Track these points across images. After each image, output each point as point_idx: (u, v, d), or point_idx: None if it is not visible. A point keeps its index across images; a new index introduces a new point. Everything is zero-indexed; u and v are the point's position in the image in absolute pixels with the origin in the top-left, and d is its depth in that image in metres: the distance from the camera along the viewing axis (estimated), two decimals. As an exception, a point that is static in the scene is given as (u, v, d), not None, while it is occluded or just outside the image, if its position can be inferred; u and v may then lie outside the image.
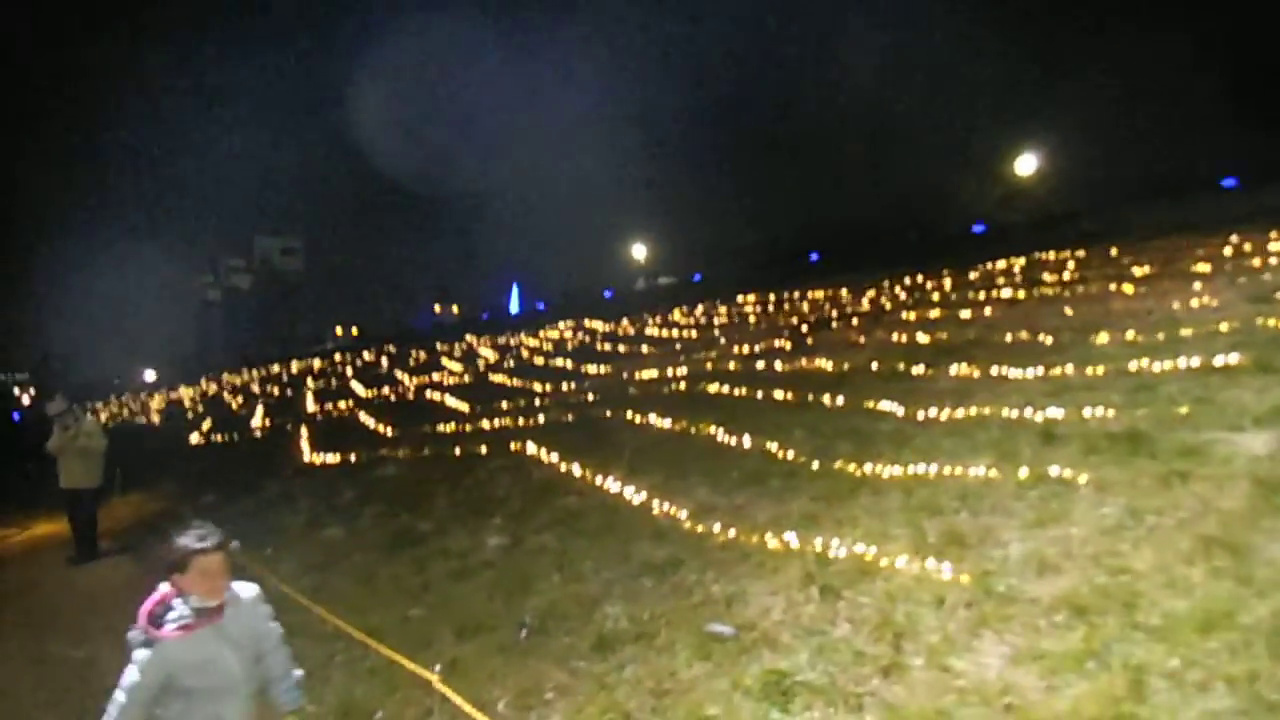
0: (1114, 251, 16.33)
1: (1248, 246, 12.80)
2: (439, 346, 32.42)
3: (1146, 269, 12.90)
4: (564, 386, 14.36)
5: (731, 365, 12.37)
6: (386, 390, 20.40)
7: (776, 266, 38.71)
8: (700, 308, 24.65)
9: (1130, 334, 8.57)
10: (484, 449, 9.99)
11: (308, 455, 12.56)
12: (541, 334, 27.98)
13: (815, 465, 6.48)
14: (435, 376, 21.17)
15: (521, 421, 11.42)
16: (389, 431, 12.99)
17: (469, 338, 33.83)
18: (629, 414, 10.06)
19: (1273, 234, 13.39)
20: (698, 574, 4.95)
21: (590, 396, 12.50)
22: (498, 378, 17.82)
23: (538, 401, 13.12)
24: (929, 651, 3.67)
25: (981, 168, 51.12)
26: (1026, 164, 50.33)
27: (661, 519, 6.05)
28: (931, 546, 4.53)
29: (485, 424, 11.90)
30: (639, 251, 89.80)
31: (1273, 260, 11.31)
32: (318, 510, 8.69)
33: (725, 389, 10.43)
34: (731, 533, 5.42)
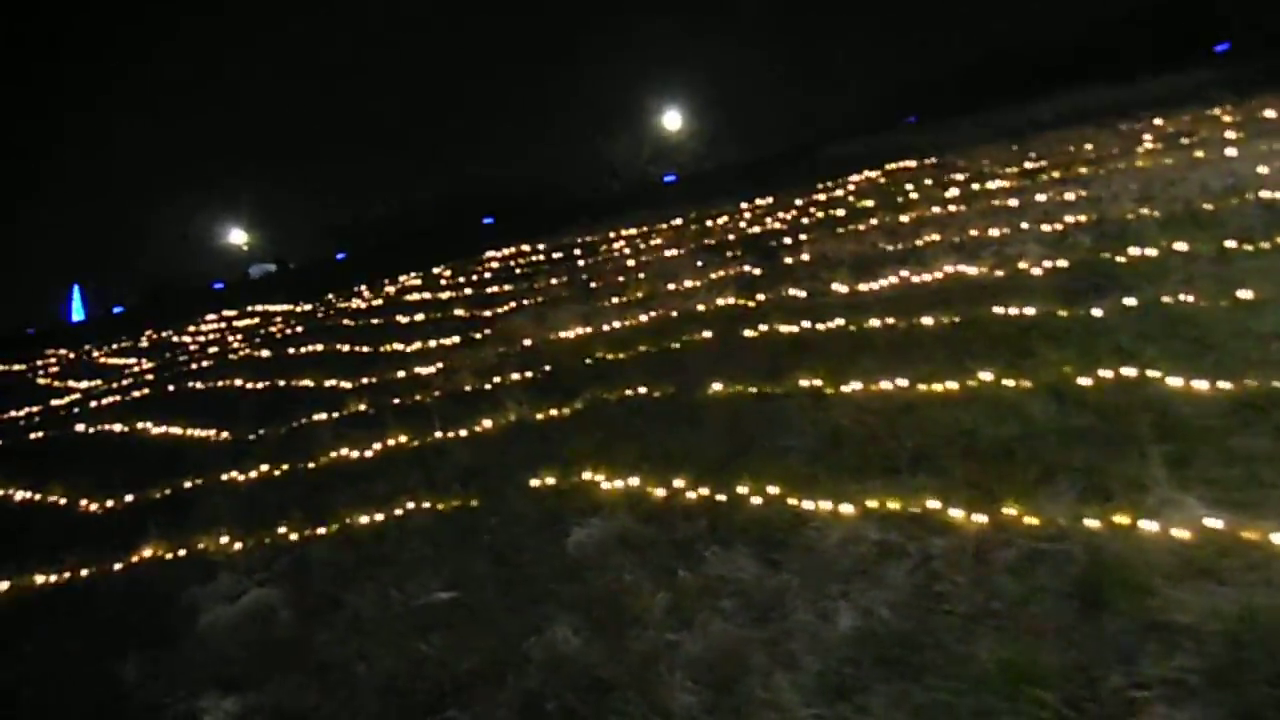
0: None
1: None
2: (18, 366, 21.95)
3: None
4: (397, 375, 8.29)
5: (796, 292, 7.42)
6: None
7: (467, 232, 33.38)
8: (445, 269, 18.74)
9: None
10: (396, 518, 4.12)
11: None
12: (197, 330, 19.63)
13: None
14: (58, 402, 12.79)
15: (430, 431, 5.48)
16: (65, 501, 6.02)
17: (58, 350, 23.47)
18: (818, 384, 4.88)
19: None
20: None
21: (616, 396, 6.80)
22: (202, 384, 10.69)
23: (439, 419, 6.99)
24: None
25: (632, 126, 49.81)
26: (672, 120, 49.95)
27: None
28: None
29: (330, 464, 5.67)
30: (237, 237, 76.53)
31: None
32: None
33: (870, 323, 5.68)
34: None
